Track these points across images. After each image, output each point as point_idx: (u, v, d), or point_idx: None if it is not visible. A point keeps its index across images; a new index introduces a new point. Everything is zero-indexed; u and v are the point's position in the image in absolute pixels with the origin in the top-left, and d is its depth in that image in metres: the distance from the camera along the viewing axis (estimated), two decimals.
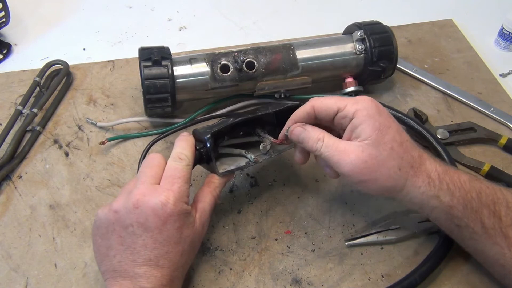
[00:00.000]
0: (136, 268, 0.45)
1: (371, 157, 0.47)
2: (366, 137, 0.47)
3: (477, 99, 0.74)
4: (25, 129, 0.68)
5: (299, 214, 0.60)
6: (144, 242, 0.46)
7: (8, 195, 0.62)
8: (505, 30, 0.82)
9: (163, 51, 0.65)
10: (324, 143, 0.49)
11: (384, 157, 0.47)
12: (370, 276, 0.55)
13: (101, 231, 0.48)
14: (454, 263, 0.55)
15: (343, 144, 0.48)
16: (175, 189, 0.47)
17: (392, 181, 0.48)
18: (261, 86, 0.68)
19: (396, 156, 0.48)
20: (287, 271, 0.55)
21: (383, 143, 0.47)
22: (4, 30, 0.85)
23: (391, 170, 0.47)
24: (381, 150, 0.47)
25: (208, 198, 0.52)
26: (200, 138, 0.54)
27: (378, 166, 0.47)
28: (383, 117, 0.49)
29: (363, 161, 0.47)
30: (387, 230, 0.57)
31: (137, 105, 0.73)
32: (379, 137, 0.47)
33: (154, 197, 0.46)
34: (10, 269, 0.55)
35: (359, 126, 0.48)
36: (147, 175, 0.49)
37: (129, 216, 0.46)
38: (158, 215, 0.46)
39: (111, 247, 0.47)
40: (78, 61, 0.80)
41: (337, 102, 0.50)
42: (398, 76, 0.78)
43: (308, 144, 0.50)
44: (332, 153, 0.48)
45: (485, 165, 0.64)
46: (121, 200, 0.47)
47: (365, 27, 0.70)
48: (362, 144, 0.47)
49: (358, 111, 0.48)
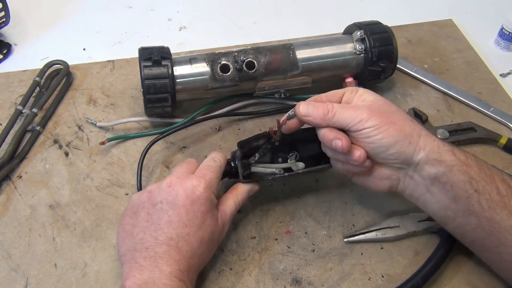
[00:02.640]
0: (157, 247, 0.47)
1: (383, 107, 0.50)
2: (372, 99, 0.51)
3: (477, 99, 0.74)
4: (25, 129, 0.68)
5: (299, 214, 0.60)
6: (169, 219, 0.49)
7: (8, 195, 0.62)
8: (505, 30, 0.83)
9: (163, 51, 0.65)
10: (334, 105, 0.51)
11: (394, 110, 0.50)
12: (370, 276, 0.55)
13: (131, 210, 0.51)
14: (455, 263, 0.55)
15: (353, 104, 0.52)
16: (207, 178, 0.52)
17: (408, 127, 0.49)
18: (261, 86, 0.68)
19: (402, 113, 0.51)
20: (287, 271, 0.55)
21: (388, 105, 0.51)
22: (4, 30, 0.85)
23: (404, 117, 0.50)
24: (388, 106, 0.51)
25: (229, 202, 0.55)
26: (232, 154, 0.58)
27: (391, 113, 0.50)
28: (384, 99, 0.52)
29: (377, 108, 0.50)
30: (386, 228, 0.57)
31: (137, 105, 0.73)
32: (382, 102, 0.51)
33: (187, 180, 0.51)
34: (10, 269, 0.55)
35: (364, 95, 0.52)
36: (183, 167, 0.54)
37: (161, 194, 0.50)
38: (188, 195, 0.50)
39: (137, 225, 0.50)
40: (78, 61, 0.80)
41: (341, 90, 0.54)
42: (398, 76, 0.78)
43: (319, 111, 0.50)
44: (345, 109, 0.50)
45: None
46: (156, 184, 0.52)
47: (365, 27, 0.70)
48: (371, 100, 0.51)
49: (359, 90, 0.52)
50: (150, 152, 0.64)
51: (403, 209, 0.60)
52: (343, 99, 0.53)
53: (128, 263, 0.47)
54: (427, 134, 0.50)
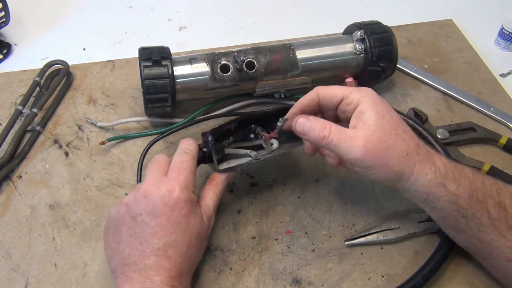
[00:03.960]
0: (145, 259, 0.46)
1: (381, 141, 0.47)
2: (372, 123, 0.48)
3: (477, 99, 0.74)
4: (25, 129, 0.68)
5: (299, 214, 0.60)
6: (152, 230, 0.47)
7: (8, 195, 0.62)
8: (505, 30, 0.82)
9: (163, 51, 0.65)
10: (331, 131, 0.49)
11: (392, 142, 0.48)
12: (370, 276, 0.55)
13: (112, 226, 0.50)
14: (455, 264, 0.55)
15: (350, 131, 0.49)
16: (181, 178, 0.50)
17: (401, 166, 0.48)
18: (261, 86, 0.68)
19: (402, 142, 0.48)
20: (287, 271, 0.55)
21: (389, 129, 0.48)
22: (4, 30, 0.85)
23: (399, 154, 0.48)
24: (388, 135, 0.48)
25: (210, 194, 0.54)
26: (204, 138, 0.55)
27: (387, 149, 0.47)
28: (385, 105, 0.50)
29: (374, 145, 0.47)
30: (387, 230, 0.57)
31: (137, 105, 0.73)
32: (384, 123, 0.48)
33: (162, 185, 0.49)
34: (10, 269, 0.55)
35: (365, 112, 0.48)
36: (154, 169, 0.52)
37: (138, 206, 0.48)
38: (166, 202, 0.48)
39: (121, 241, 0.48)
40: (78, 61, 0.80)
41: (342, 90, 0.51)
42: (398, 76, 0.78)
43: (315, 133, 0.49)
44: (342, 139, 0.48)
45: (485, 165, 0.64)
46: (131, 194, 0.50)
47: (365, 27, 0.70)
48: (369, 129, 0.48)
49: (363, 98, 0.49)
50: (150, 152, 0.64)
51: (403, 209, 0.60)
52: (341, 107, 0.51)
53: (119, 277, 0.47)
54: (422, 169, 0.48)
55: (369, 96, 0.49)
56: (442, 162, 0.49)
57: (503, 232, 0.47)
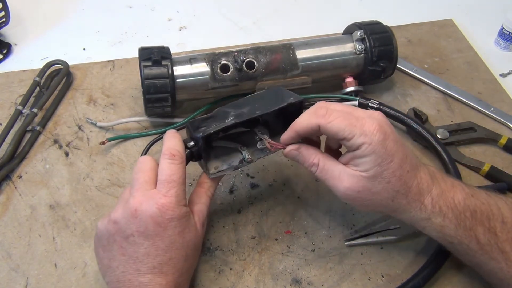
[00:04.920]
0: (140, 277, 0.45)
1: (365, 188, 0.47)
2: (364, 169, 0.46)
3: (477, 99, 0.74)
4: (25, 129, 0.68)
5: (299, 214, 0.60)
6: (146, 251, 0.45)
7: (8, 195, 0.62)
8: (505, 30, 0.82)
9: (163, 51, 0.65)
10: (318, 168, 0.49)
11: (378, 190, 0.47)
12: (370, 276, 0.55)
13: (102, 243, 0.47)
14: (455, 264, 0.55)
15: (338, 169, 0.48)
16: (172, 194, 0.46)
17: (382, 209, 0.49)
18: (261, 86, 0.68)
19: (391, 190, 0.47)
20: (287, 271, 0.55)
21: (380, 178, 0.46)
22: (4, 30, 0.85)
23: (383, 201, 0.47)
24: (376, 184, 0.46)
25: (203, 199, 0.52)
26: (192, 135, 0.51)
27: (371, 196, 0.47)
28: (388, 149, 0.46)
29: (356, 191, 0.47)
30: (387, 230, 0.57)
31: (137, 105, 0.73)
32: (377, 172, 0.46)
33: (151, 204, 0.45)
34: (10, 269, 0.55)
35: (361, 159, 0.46)
36: (140, 181, 0.47)
37: (129, 226, 0.45)
38: (158, 222, 0.45)
39: (114, 258, 0.46)
40: (78, 61, 0.80)
41: (345, 129, 0.46)
42: (398, 76, 0.78)
43: (304, 165, 0.51)
44: (327, 178, 0.49)
45: (485, 165, 0.64)
46: (119, 210, 0.47)
47: (365, 27, 0.70)
48: (358, 175, 0.47)
49: (364, 145, 0.45)
50: (150, 152, 0.64)
51: None
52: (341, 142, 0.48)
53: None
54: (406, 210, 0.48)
55: (371, 143, 0.45)
56: (431, 197, 0.47)
57: (494, 256, 0.47)
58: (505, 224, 0.47)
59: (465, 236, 0.47)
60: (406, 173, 0.47)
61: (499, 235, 0.47)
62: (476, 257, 0.48)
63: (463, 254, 0.49)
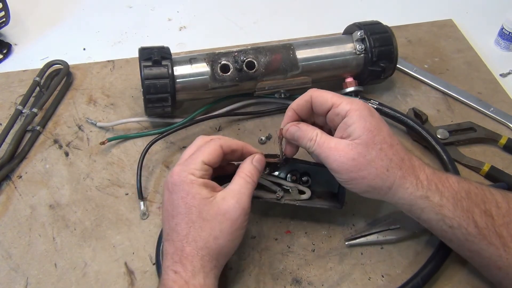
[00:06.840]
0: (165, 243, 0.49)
1: (360, 155, 0.48)
2: (356, 136, 0.48)
3: (477, 99, 0.74)
4: (25, 129, 0.68)
5: (299, 214, 0.60)
6: (163, 216, 0.50)
7: (8, 195, 0.62)
8: (505, 30, 0.83)
9: (163, 51, 0.65)
10: (316, 142, 0.50)
11: (372, 157, 0.48)
12: (370, 276, 0.55)
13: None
14: (455, 264, 0.55)
15: (334, 141, 0.50)
16: (182, 162, 0.50)
17: (379, 181, 0.48)
18: (261, 86, 0.68)
19: (384, 157, 0.48)
20: (287, 271, 0.55)
21: (372, 144, 0.48)
22: (4, 30, 0.85)
23: (379, 170, 0.48)
24: (370, 150, 0.48)
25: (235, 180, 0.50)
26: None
27: (366, 164, 0.48)
28: (374, 119, 0.49)
29: (351, 159, 0.48)
30: (387, 230, 0.57)
31: (137, 105, 0.73)
32: (369, 138, 0.48)
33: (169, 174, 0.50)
34: (10, 269, 0.55)
35: (351, 125, 0.49)
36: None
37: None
38: (167, 187, 0.49)
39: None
40: (78, 61, 0.80)
41: (333, 97, 0.51)
42: (398, 76, 0.78)
43: (302, 142, 0.52)
44: (323, 150, 0.50)
45: (485, 165, 0.64)
46: None
47: (365, 27, 0.70)
48: (352, 142, 0.49)
49: (351, 111, 0.49)
50: (150, 152, 0.64)
51: None
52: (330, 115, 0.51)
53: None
54: (401, 184, 0.48)
55: (358, 109, 0.49)
56: (426, 174, 0.49)
57: (492, 241, 0.47)
58: (499, 208, 0.48)
59: (464, 218, 0.47)
60: (396, 143, 0.50)
61: (495, 219, 0.47)
62: (475, 243, 0.48)
63: (463, 241, 0.49)
